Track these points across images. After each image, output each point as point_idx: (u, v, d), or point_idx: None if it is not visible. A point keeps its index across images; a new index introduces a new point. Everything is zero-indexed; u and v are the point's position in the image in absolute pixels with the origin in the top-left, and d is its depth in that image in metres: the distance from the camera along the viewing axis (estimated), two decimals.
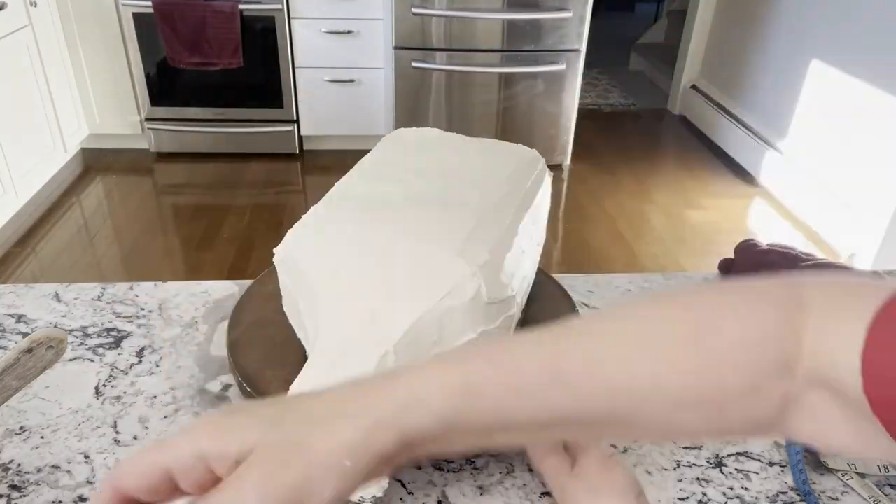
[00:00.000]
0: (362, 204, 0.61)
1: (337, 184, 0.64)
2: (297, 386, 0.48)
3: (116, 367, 0.66)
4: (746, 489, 0.56)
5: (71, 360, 0.67)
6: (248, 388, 0.59)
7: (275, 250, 0.58)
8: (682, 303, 0.37)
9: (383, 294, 0.52)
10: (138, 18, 2.77)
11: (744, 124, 3.21)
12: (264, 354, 0.62)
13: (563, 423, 0.35)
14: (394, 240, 0.56)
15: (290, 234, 0.58)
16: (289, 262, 0.58)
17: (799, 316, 0.34)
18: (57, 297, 0.75)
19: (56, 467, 0.55)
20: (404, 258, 0.54)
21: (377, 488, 0.47)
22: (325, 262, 0.55)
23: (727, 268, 0.80)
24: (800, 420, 0.35)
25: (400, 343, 0.49)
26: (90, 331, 0.71)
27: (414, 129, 0.76)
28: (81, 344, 0.69)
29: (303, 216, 0.60)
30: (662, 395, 0.34)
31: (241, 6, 2.74)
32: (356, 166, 0.68)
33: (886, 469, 0.56)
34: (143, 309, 0.74)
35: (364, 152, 0.71)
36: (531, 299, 0.69)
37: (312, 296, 0.55)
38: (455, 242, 0.55)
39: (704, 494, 0.55)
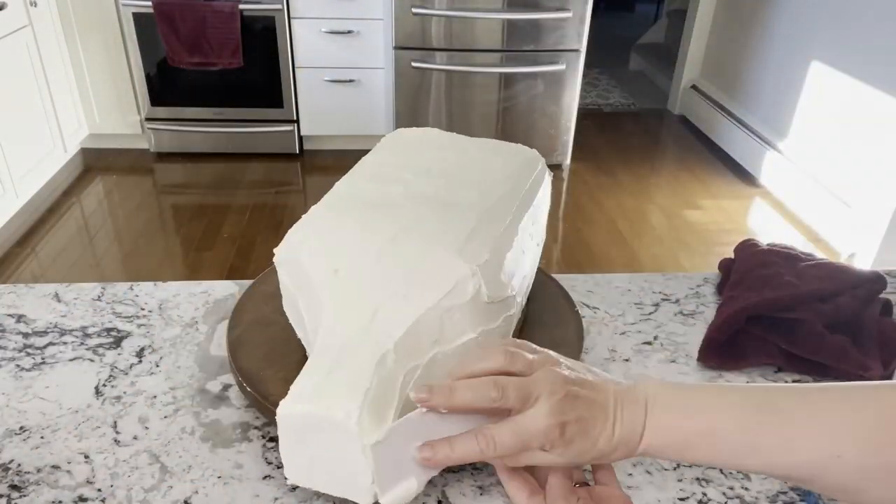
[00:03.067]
0: (363, 203, 0.61)
1: (337, 183, 0.64)
2: (298, 385, 0.48)
3: (116, 367, 0.66)
4: (746, 489, 0.55)
5: (71, 360, 0.67)
6: (248, 388, 0.59)
7: (275, 250, 0.58)
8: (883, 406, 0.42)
9: (383, 293, 0.52)
10: (138, 18, 2.77)
11: (744, 124, 3.21)
12: (264, 354, 0.62)
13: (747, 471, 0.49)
14: (394, 239, 0.56)
15: (291, 234, 0.58)
16: (290, 262, 0.58)
17: None
18: (57, 297, 0.75)
19: (56, 467, 0.55)
20: (405, 257, 0.54)
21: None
22: (326, 261, 0.55)
23: (727, 268, 0.80)
24: None
25: (400, 342, 0.49)
26: (90, 331, 0.71)
27: (414, 128, 0.76)
28: (81, 344, 0.69)
29: (303, 216, 0.60)
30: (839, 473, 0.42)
31: (241, 6, 2.74)
32: (356, 166, 0.68)
33: None
34: (143, 309, 0.74)
35: (364, 152, 0.71)
36: (531, 299, 0.69)
37: (313, 295, 0.55)
38: (455, 242, 0.54)
39: (704, 494, 0.55)
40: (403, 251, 0.55)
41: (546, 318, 0.68)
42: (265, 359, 0.62)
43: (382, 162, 0.68)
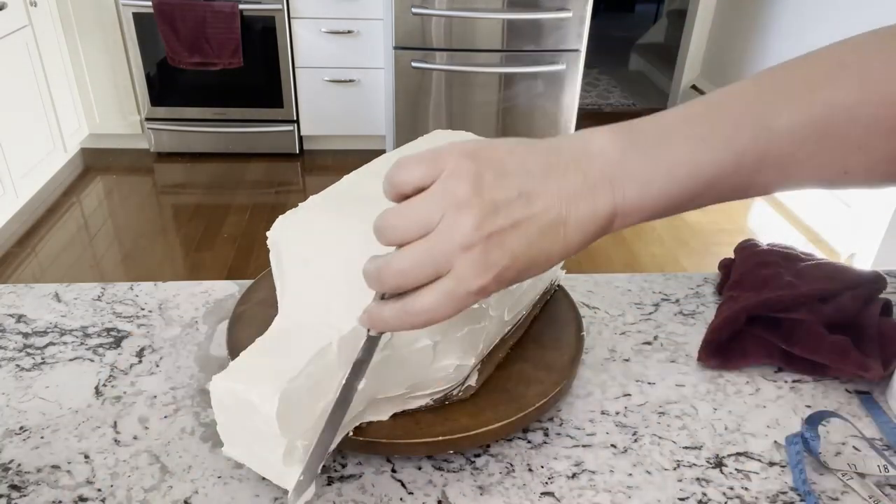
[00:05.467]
0: (354, 198, 0.61)
1: (346, 175, 0.64)
2: (236, 362, 0.49)
3: (116, 367, 0.66)
4: (746, 489, 0.55)
5: (71, 360, 0.67)
6: None
7: (268, 233, 0.59)
8: None
9: (343, 288, 0.52)
10: (138, 18, 2.77)
11: None
12: None
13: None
14: (367, 237, 0.55)
15: (280, 219, 0.59)
16: (273, 246, 0.59)
17: None
18: (57, 297, 0.75)
19: (56, 467, 0.55)
20: (371, 254, 0.54)
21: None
22: (300, 249, 0.56)
23: (727, 268, 0.80)
24: None
25: (345, 338, 0.49)
26: (90, 331, 0.71)
27: (451, 130, 0.75)
28: (81, 344, 0.69)
29: (300, 203, 0.60)
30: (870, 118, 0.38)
31: (241, 6, 2.74)
32: (376, 159, 0.67)
33: (886, 469, 0.56)
34: (143, 309, 0.74)
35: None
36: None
37: (284, 281, 0.56)
38: None
39: (704, 494, 0.55)
40: (373, 249, 0.55)
41: (546, 317, 0.68)
42: None
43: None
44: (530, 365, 0.62)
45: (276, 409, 0.44)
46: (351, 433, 0.53)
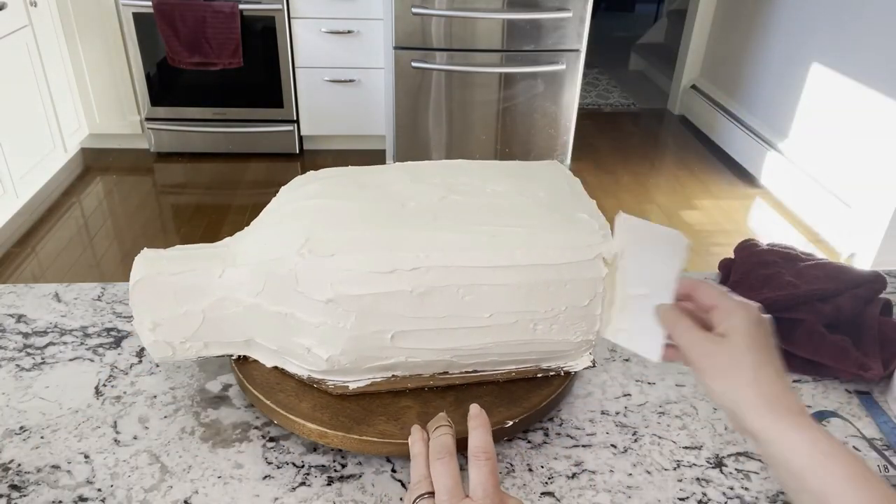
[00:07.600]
0: (357, 182, 0.63)
1: (395, 164, 0.66)
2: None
3: (116, 367, 0.66)
4: (746, 489, 0.56)
5: (71, 360, 0.67)
6: (249, 387, 0.59)
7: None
8: None
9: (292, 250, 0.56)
10: (138, 18, 2.77)
11: (744, 124, 3.21)
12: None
13: None
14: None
15: (303, 177, 0.68)
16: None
17: None
18: (57, 297, 0.75)
19: (56, 467, 0.55)
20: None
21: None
22: (282, 202, 0.65)
23: (727, 268, 0.80)
24: None
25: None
26: (90, 331, 0.71)
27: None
28: (81, 344, 0.69)
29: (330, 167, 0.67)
30: None
31: (241, 6, 2.74)
32: (435, 161, 0.67)
33: (886, 469, 0.56)
34: None
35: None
36: None
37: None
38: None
39: (704, 494, 0.55)
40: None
41: None
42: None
43: (448, 168, 0.65)
44: None
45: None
46: (350, 434, 0.53)
